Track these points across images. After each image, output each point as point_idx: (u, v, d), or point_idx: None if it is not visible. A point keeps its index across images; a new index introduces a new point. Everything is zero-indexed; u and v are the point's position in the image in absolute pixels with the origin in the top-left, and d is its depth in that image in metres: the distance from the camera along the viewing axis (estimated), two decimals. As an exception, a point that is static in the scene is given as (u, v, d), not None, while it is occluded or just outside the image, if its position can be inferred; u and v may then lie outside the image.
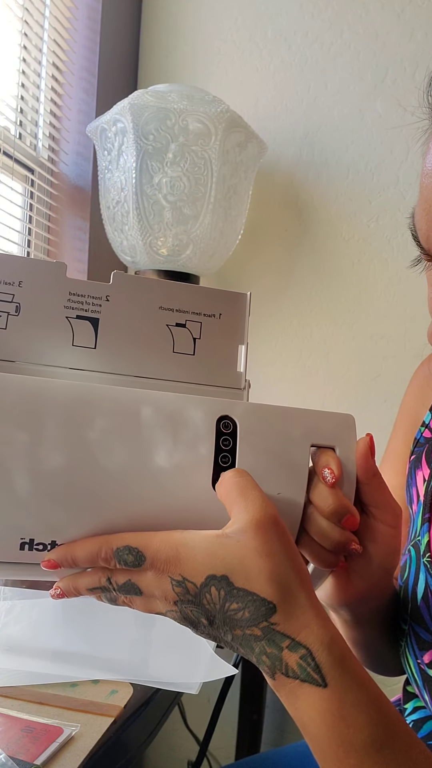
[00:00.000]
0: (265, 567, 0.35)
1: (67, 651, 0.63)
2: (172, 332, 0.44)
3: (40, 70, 1.22)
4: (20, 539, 0.37)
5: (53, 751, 0.45)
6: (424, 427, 0.57)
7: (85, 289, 0.42)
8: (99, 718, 0.51)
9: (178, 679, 0.58)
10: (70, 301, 0.42)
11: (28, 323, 0.41)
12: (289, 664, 0.34)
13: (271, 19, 1.32)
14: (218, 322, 0.46)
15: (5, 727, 0.48)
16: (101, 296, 0.43)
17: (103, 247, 1.27)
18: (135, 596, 0.39)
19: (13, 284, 0.41)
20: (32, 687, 0.54)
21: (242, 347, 0.46)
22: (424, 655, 0.46)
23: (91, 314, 0.43)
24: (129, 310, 0.43)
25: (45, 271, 0.41)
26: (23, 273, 0.41)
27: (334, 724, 0.33)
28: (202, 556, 0.36)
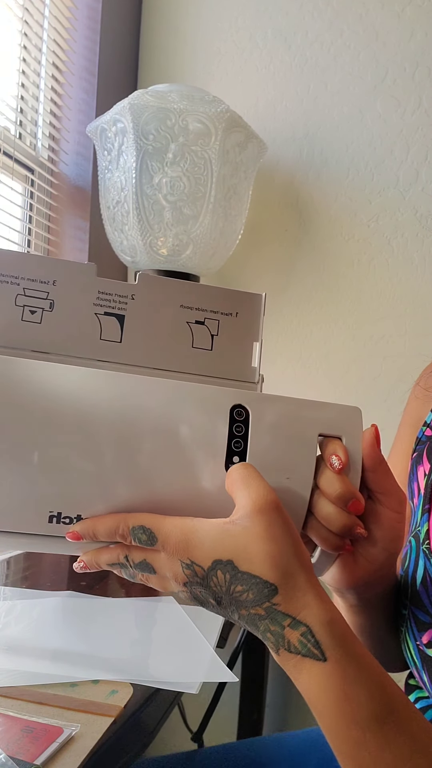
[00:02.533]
0: (267, 551, 0.38)
1: (67, 651, 0.63)
2: (191, 329, 0.48)
3: (40, 70, 1.22)
4: (49, 512, 0.40)
5: (53, 751, 0.45)
6: (426, 426, 0.58)
7: (113, 288, 0.47)
8: (99, 718, 0.51)
9: (178, 679, 0.58)
10: (98, 299, 0.46)
11: (60, 319, 0.45)
12: (291, 641, 0.37)
13: (271, 19, 1.32)
14: (235, 320, 0.50)
15: (5, 727, 0.48)
16: (127, 295, 0.47)
17: (103, 247, 1.27)
18: (150, 574, 0.42)
19: (48, 283, 0.45)
20: (32, 687, 0.54)
21: (257, 344, 0.50)
22: (423, 636, 0.48)
23: (118, 311, 0.47)
24: (152, 308, 0.47)
25: (77, 271, 0.46)
26: (58, 273, 0.45)
27: (337, 698, 0.36)
28: (209, 542, 0.38)
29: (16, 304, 0.44)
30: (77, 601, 0.77)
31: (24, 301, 0.44)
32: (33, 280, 0.45)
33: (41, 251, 1.27)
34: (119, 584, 0.90)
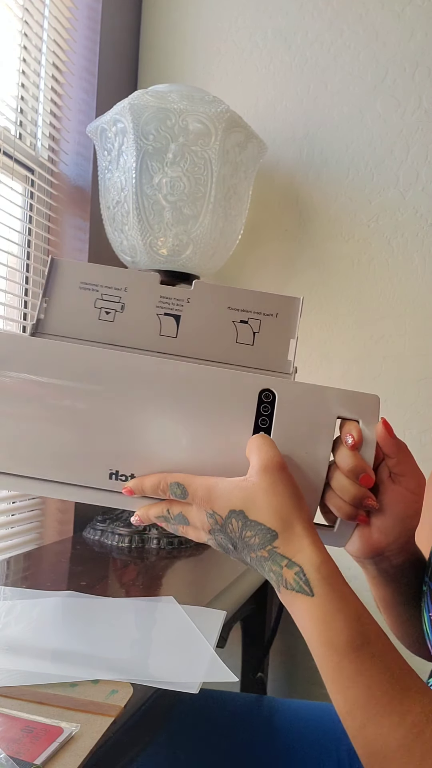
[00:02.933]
0: (270, 503, 0.46)
1: (67, 651, 0.63)
2: (236, 327, 0.56)
3: (40, 70, 1.22)
4: (110, 470, 0.51)
5: (53, 750, 0.45)
6: None
7: (172, 293, 0.56)
8: (99, 718, 0.51)
9: (179, 679, 0.58)
10: (160, 302, 0.56)
11: (129, 318, 0.55)
12: (287, 579, 0.44)
13: (271, 19, 1.32)
14: (275, 320, 0.58)
15: (5, 726, 0.48)
16: (184, 299, 0.56)
17: (103, 247, 1.27)
18: (186, 526, 0.51)
19: (120, 289, 0.55)
20: (32, 687, 0.54)
21: (293, 341, 0.57)
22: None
23: (175, 312, 0.56)
24: (204, 310, 0.56)
25: (144, 279, 0.56)
26: (129, 281, 0.56)
27: (320, 627, 0.43)
28: (226, 495, 0.47)
29: (95, 307, 0.55)
30: (77, 600, 0.77)
31: (101, 304, 0.55)
32: (109, 287, 0.55)
33: (41, 251, 1.27)
34: (119, 584, 0.90)
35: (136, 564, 0.99)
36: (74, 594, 0.79)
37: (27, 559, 1.02)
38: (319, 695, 1.25)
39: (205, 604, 0.78)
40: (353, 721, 0.41)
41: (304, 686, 1.27)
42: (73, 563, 1.00)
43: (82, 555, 1.03)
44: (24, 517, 1.18)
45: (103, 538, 1.10)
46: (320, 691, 1.25)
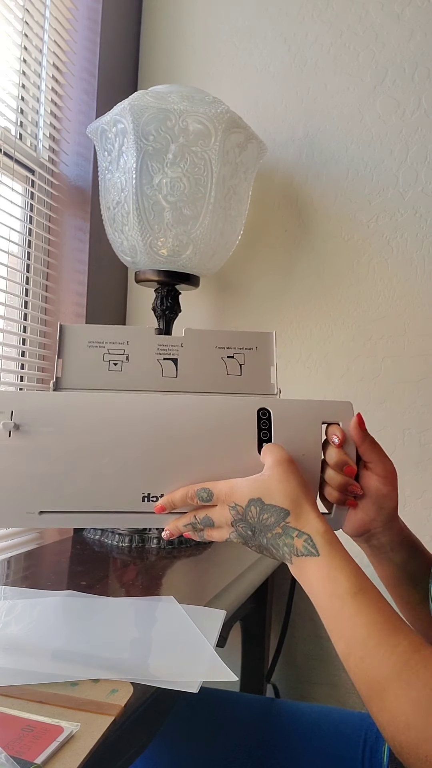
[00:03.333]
0: (282, 488, 0.56)
1: (68, 650, 0.63)
2: (225, 362, 0.67)
3: (40, 71, 1.22)
4: (142, 494, 0.60)
5: (53, 750, 0.46)
6: None
7: (167, 341, 0.66)
8: (99, 717, 0.51)
9: (178, 678, 0.58)
10: (158, 349, 0.65)
11: (135, 366, 0.64)
12: (298, 547, 0.54)
13: (271, 20, 1.32)
14: (255, 352, 0.68)
15: (5, 726, 0.48)
16: (178, 344, 0.66)
17: (103, 247, 1.27)
18: (211, 528, 0.59)
19: (123, 343, 0.64)
20: (32, 686, 0.55)
21: (272, 368, 0.68)
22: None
23: (173, 356, 0.66)
24: (196, 351, 0.66)
25: (142, 333, 0.65)
26: (129, 336, 0.65)
27: (324, 581, 0.52)
28: (246, 488, 0.56)
29: (104, 360, 0.64)
30: (77, 600, 0.77)
31: (109, 357, 0.64)
32: (113, 342, 0.64)
33: (41, 252, 1.27)
34: (119, 584, 0.90)
35: (136, 564, 0.99)
36: (74, 593, 0.79)
37: (27, 558, 1.02)
38: (320, 696, 1.25)
39: (205, 604, 0.79)
40: (353, 657, 0.48)
41: (305, 687, 1.27)
42: (73, 563, 1.00)
43: (82, 555, 1.03)
44: (24, 517, 1.18)
45: (103, 538, 1.10)
46: (321, 692, 1.25)
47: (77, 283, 1.28)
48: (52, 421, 0.58)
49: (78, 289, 1.28)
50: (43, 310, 1.29)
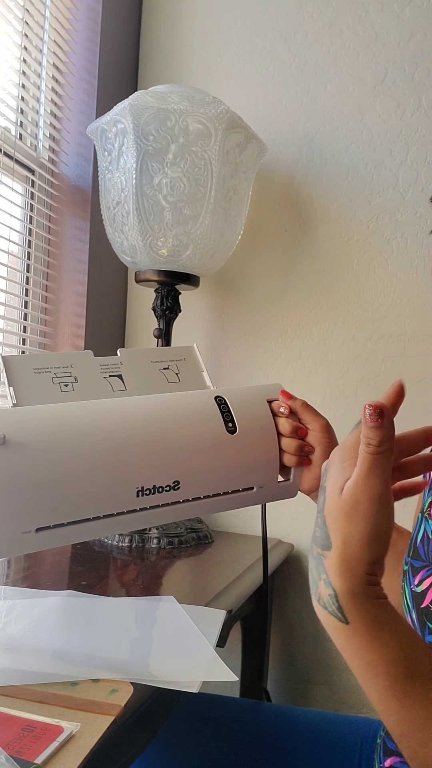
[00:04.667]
0: (340, 525, 0.46)
1: (68, 650, 0.63)
2: (163, 374, 0.72)
3: (41, 71, 1.22)
4: (136, 488, 0.60)
5: (53, 750, 0.46)
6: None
7: (107, 361, 0.68)
8: (99, 717, 0.51)
9: (179, 678, 0.58)
10: (102, 369, 0.67)
11: (85, 386, 0.66)
12: (322, 596, 0.46)
13: (271, 20, 1.32)
14: (185, 362, 0.73)
15: (5, 726, 0.48)
16: (117, 363, 0.69)
17: (103, 247, 1.27)
18: None
19: (68, 367, 0.66)
20: (32, 686, 0.55)
21: (204, 373, 0.74)
22: (416, 578, 0.58)
23: (117, 373, 0.68)
24: (135, 367, 0.70)
25: (81, 357, 0.67)
26: (70, 360, 0.66)
27: (360, 654, 0.43)
28: (334, 477, 0.48)
29: (53, 383, 0.64)
30: (77, 600, 0.77)
31: (58, 380, 0.65)
32: (58, 367, 0.65)
33: (42, 252, 1.27)
34: (119, 584, 0.90)
35: (136, 564, 0.99)
36: (75, 593, 0.79)
37: (27, 558, 1.02)
38: (320, 696, 1.25)
39: (205, 604, 0.79)
40: (412, 741, 0.42)
41: (305, 687, 1.27)
42: (73, 563, 1.00)
43: (82, 554, 1.03)
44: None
45: (104, 538, 1.10)
46: (321, 691, 1.25)
47: (77, 283, 1.28)
48: (41, 431, 0.57)
49: (78, 289, 1.28)
50: (43, 310, 1.29)
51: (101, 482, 0.58)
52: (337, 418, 1.26)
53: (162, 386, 0.70)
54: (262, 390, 0.71)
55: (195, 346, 0.76)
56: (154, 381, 0.70)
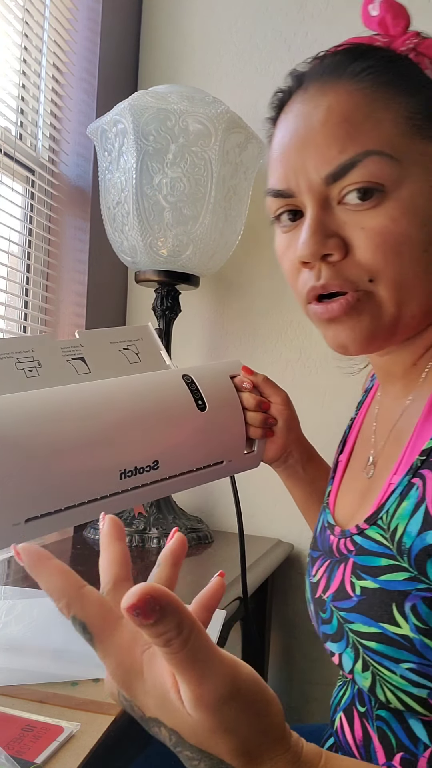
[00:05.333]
0: (225, 743, 0.33)
1: (68, 650, 0.63)
2: (124, 354, 0.71)
3: (41, 71, 1.22)
4: (119, 471, 0.59)
5: (54, 749, 0.46)
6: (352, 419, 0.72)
7: (67, 344, 0.66)
8: (99, 717, 0.51)
9: (178, 679, 0.58)
10: (63, 352, 0.65)
11: (49, 370, 0.64)
12: None
13: (271, 20, 1.32)
14: (143, 342, 0.73)
15: (5, 726, 0.48)
16: (78, 345, 0.67)
17: (103, 247, 1.27)
18: None
19: (29, 351, 0.63)
20: (32, 686, 0.55)
21: (162, 351, 0.74)
22: (313, 568, 0.58)
23: (79, 355, 0.67)
24: (96, 349, 0.68)
25: (41, 341, 0.65)
26: (30, 345, 0.64)
27: None
28: (155, 696, 0.35)
29: (17, 369, 0.62)
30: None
31: (22, 365, 0.63)
32: (19, 352, 0.63)
33: (42, 252, 1.27)
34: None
35: (136, 564, 0.99)
36: (74, 594, 0.79)
37: (27, 558, 1.01)
38: (319, 695, 1.25)
39: (205, 604, 0.78)
40: None
41: (305, 687, 1.27)
42: (73, 563, 1.00)
43: (82, 555, 1.03)
44: (24, 517, 1.18)
45: (104, 538, 1.10)
46: (321, 691, 1.25)
47: (77, 283, 1.28)
48: (24, 421, 0.55)
49: (78, 289, 1.28)
50: (43, 310, 1.29)
51: (87, 468, 0.58)
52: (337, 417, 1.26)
53: (124, 367, 0.70)
54: (224, 366, 0.73)
55: (150, 324, 0.76)
56: (116, 362, 0.70)
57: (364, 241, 0.48)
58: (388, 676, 0.45)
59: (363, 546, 0.50)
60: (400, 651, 0.44)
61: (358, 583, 0.49)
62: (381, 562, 0.47)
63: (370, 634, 0.46)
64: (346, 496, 0.61)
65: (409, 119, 0.49)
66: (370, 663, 0.47)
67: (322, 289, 0.51)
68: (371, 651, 0.46)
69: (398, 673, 0.45)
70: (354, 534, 0.52)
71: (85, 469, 0.58)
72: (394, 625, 0.45)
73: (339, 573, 0.52)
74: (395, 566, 0.46)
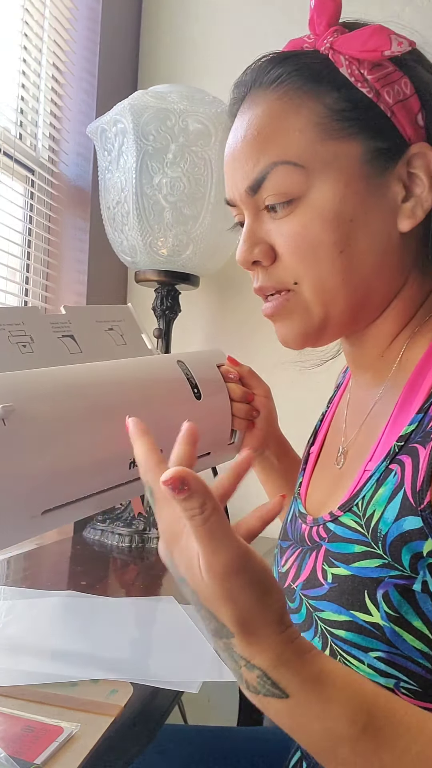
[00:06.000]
0: (227, 610, 0.38)
1: (68, 650, 0.63)
2: (110, 334, 0.69)
3: (40, 71, 1.22)
4: (129, 460, 0.57)
5: (53, 750, 0.46)
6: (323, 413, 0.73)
7: (56, 319, 0.64)
8: (99, 718, 0.51)
9: (179, 678, 0.58)
10: (53, 329, 0.63)
11: (42, 347, 0.61)
12: (249, 681, 0.38)
13: (271, 20, 1.32)
14: (125, 323, 0.71)
15: (5, 726, 0.48)
16: (66, 321, 0.65)
17: (103, 247, 1.27)
18: None
19: (20, 324, 0.60)
20: (32, 686, 0.55)
21: (143, 335, 0.72)
22: (282, 558, 0.59)
23: (69, 333, 0.64)
24: (84, 327, 0.66)
25: (29, 313, 0.62)
26: (19, 317, 0.61)
27: (312, 725, 0.37)
28: (184, 562, 0.40)
29: (11, 343, 0.59)
30: (77, 600, 0.77)
31: (15, 340, 0.59)
32: (10, 324, 0.59)
33: (42, 251, 1.27)
34: (119, 584, 0.90)
35: (136, 564, 0.99)
36: (74, 594, 0.79)
37: (27, 558, 1.02)
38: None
39: (205, 604, 0.78)
40: None
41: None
42: (73, 563, 1.00)
43: (82, 555, 1.03)
44: (24, 517, 1.18)
45: (103, 538, 1.10)
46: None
47: (77, 283, 1.28)
48: (41, 403, 0.53)
49: (78, 288, 1.28)
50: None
51: (100, 456, 0.57)
52: (337, 418, 1.26)
53: (111, 348, 0.69)
54: (210, 355, 0.72)
55: (130, 305, 0.74)
56: (103, 343, 0.68)
57: (284, 247, 0.52)
58: (356, 666, 0.45)
59: (336, 533, 0.50)
60: (369, 639, 0.44)
61: (330, 571, 0.48)
62: (354, 548, 0.47)
63: (339, 622, 0.46)
64: (317, 487, 0.62)
65: (318, 124, 0.50)
66: (338, 652, 0.46)
67: (260, 291, 0.56)
68: (340, 639, 0.46)
69: (366, 662, 0.45)
70: (327, 521, 0.52)
71: (97, 459, 0.57)
72: (365, 612, 0.45)
73: (310, 561, 0.52)
74: (369, 553, 0.46)
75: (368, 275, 0.51)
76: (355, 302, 0.52)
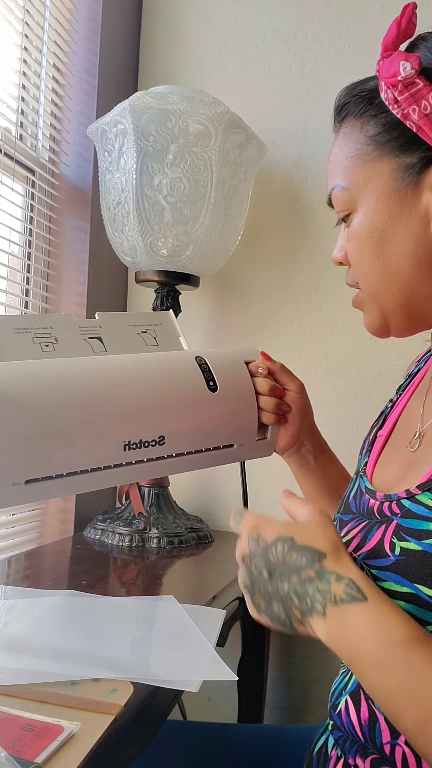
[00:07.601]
0: (322, 533, 0.51)
1: (68, 649, 0.63)
2: (141, 337, 0.73)
3: (41, 71, 1.22)
4: (123, 443, 0.61)
5: (54, 749, 0.46)
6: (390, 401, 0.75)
7: (86, 323, 0.69)
8: (99, 717, 0.51)
9: (179, 677, 0.58)
10: (81, 331, 0.68)
11: (66, 347, 0.66)
12: (337, 593, 0.47)
13: (271, 21, 1.33)
14: (162, 327, 0.75)
15: (6, 725, 0.49)
16: (96, 326, 0.70)
17: (103, 248, 1.27)
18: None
19: (47, 328, 0.66)
20: (33, 685, 0.55)
21: (181, 338, 0.76)
22: (342, 531, 0.62)
23: (97, 335, 0.69)
24: (114, 331, 0.71)
25: (60, 319, 0.67)
26: (50, 322, 0.66)
27: (380, 628, 0.46)
28: (276, 524, 0.52)
29: (34, 343, 0.64)
30: (78, 599, 0.78)
31: (39, 341, 0.65)
32: (37, 328, 0.65)
33: (42, 252, 1.27)
34: (120, 583, 0.90)
35: (136, 563, 0.99)
36: (75, 593, 0.79)
37: (28, 558, 1.02)
38: (319, 694, 1.26)
39: (205, 604, 0.79)
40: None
41: (302, 686, 1.27)
42: (73, 562, 1.00)
43: (82, 554, 1.03)
44: (25, 516, 1.18)
45: (104, 538, 1.10)
46: (320, 690, 1.25)
47: (77, 284, 1.28)
48: (28, 384, 0.57)
49: (78, 289, 1.28)
50: (44, 311, 1.29)
51: (89, 435, 0.59)
52: (337, 417, 1.26)
53: (141, 349, 0.72)
54: (239, 352, 0.74)
55: (171, 312, 0.78)
56: (132, 343, 0.72)
57: (348, 254, 0.63)
58: None
59: (411, 510, 0.53)
60: (428, 614, 0.48)
61: (399, 544, 0.51)
62: (429, 526, 0.50)
63: (402, 593, 0.50)
64: (385, 467, 0.64)
65: (358, 150, 0.58)
66: None
67: (349, 285, 0.66)
68: None
69: None
70: (402, 498, 0.54)
71: (90, 436, 0.58)
72: (430, 587, 0.48)
73: (378, 533, 0.55)
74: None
75: (408, 278, 0.57)
76: (403, 302, 0.59)
